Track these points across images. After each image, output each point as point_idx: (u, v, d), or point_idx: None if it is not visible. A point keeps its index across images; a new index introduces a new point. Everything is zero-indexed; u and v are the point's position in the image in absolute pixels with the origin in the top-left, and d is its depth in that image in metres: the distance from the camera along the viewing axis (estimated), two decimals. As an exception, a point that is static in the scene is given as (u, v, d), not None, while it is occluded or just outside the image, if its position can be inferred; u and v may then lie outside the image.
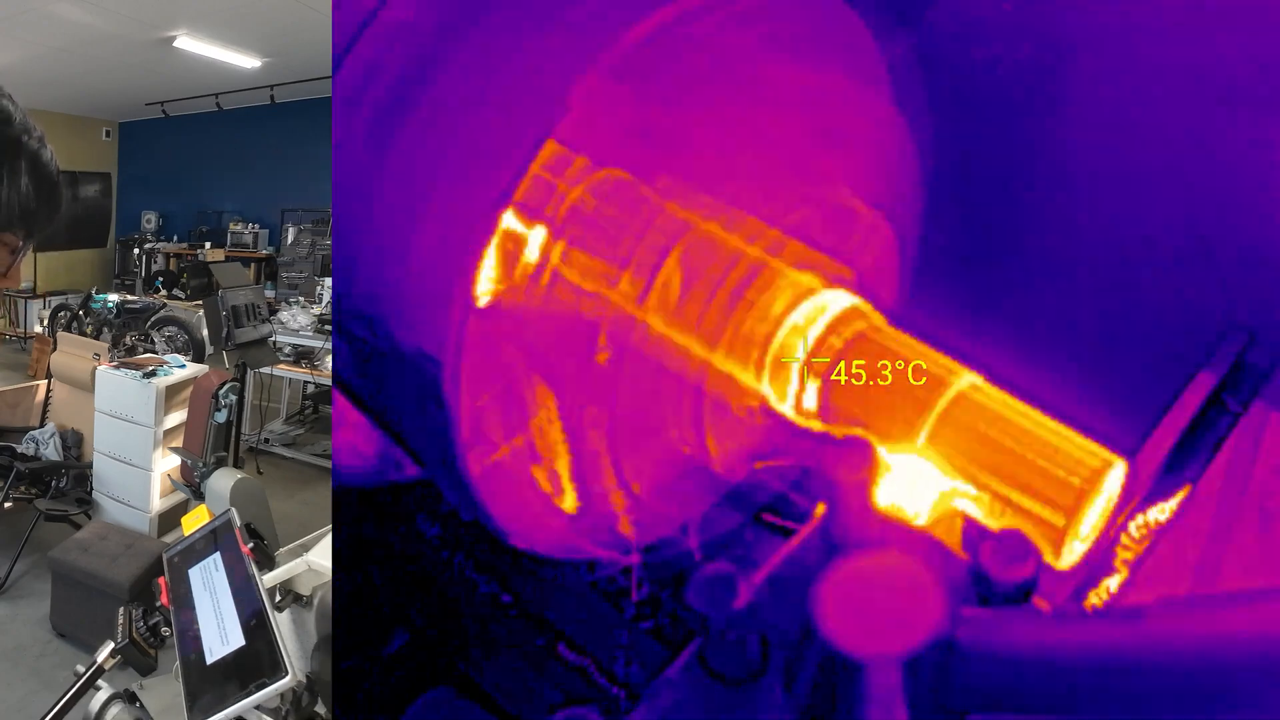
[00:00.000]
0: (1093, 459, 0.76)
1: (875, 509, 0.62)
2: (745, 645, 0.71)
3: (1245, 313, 0.96)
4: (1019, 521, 0.75)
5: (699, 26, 0.82)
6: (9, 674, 2.69)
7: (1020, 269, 1.12)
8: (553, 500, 0.92)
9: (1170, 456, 0.84)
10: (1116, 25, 1.06)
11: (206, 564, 1.17)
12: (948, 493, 0.76)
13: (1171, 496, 0.82)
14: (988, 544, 0.61)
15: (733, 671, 0.73)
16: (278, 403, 5.46)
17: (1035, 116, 1.09)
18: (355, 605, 1.06)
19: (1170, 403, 0.87)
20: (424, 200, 0.83)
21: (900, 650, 0.55)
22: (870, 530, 0.62)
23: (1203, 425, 0.87)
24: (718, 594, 0.72)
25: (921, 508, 0.78)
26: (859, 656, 0.55)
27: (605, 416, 0.89)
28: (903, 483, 0.79)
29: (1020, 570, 0.59)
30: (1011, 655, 0.55)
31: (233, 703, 0.91)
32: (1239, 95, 1.01)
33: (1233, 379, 0.90)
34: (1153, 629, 0.50)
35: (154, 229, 9.71)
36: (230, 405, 2.98)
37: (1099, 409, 0.84)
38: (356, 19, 0.87)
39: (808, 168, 0.91)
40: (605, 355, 0.86)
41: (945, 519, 0.76)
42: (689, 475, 0.96)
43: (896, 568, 0.58)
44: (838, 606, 0.58)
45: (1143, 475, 0.82)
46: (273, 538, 2.05)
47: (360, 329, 0.91)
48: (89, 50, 6.34)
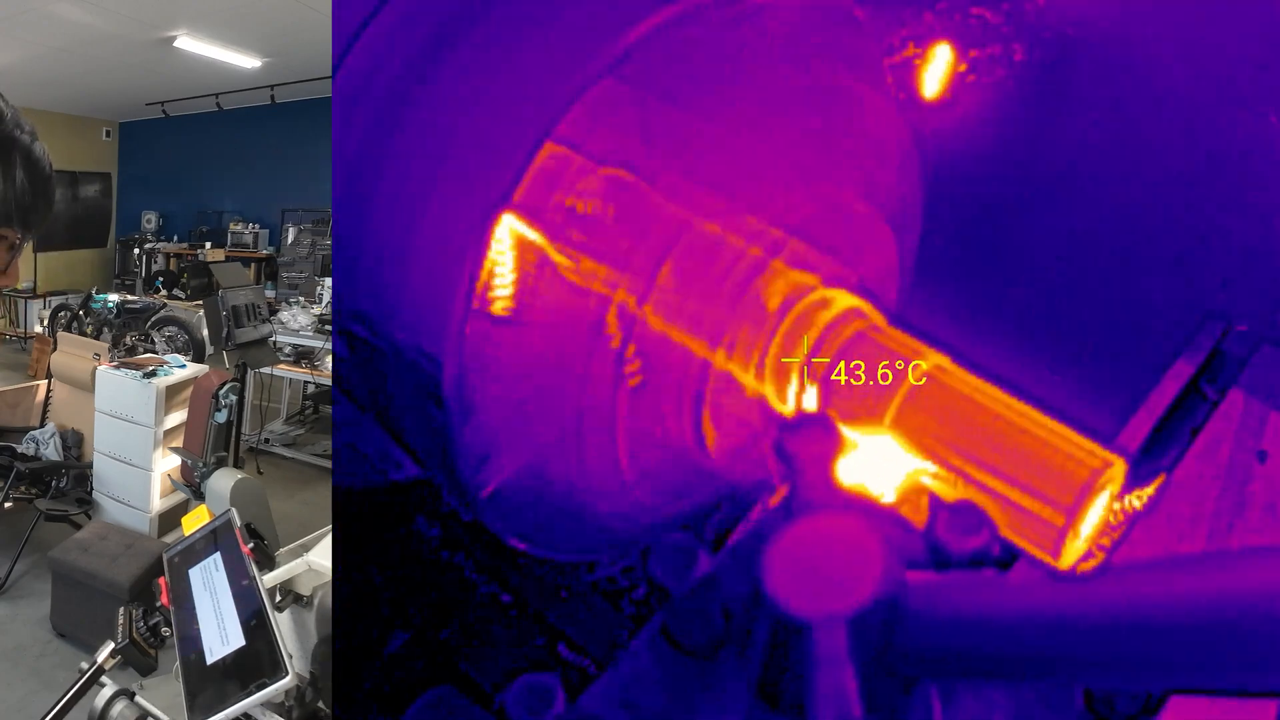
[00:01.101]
0: (1093, 458, 0.76)
1: (837, 484, 0.63)
2: (707, 616, 0.71)
3: (1240, 313, 0.96)
4: (1020, 521, 0.75)
5: (699, 26, 0.82)
6: (9, 674, 2.69)
7: (1020, 269, 1.12)
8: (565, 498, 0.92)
9: (1147, 443, 0.84)
10: (1116, 24, 1.06)
11: (207, 564, 1.17)
12: (915, 472, 0.77)
13: (1148, 484, 0.82)
14: (943, 514, 0.61)
15: (693, 642, 0.74)
16: (278, 403, 5.46)
17: (1035, 116, 1.09)
18: (355, 605, 1.06)
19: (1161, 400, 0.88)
20: (424, 200, 0.83)
21: (844, 610, 0.55)
22: (832, 503, 0.62)
23: (1180, 412, 0.88)
24: (678, 564, 0.72)
25: (889, 487, 0.79)
26: (804, 617, 0.56)
27: (605, 416, 0.89)
28: (869, 462, 0.79)
29: (973, 540, 0.59)
30: (957, 618, 0.55)
31: (233, 703, 0.91)
32: (1240, 94, 1.02)
33: (1210, 367, 0.91)
34: (1103, 592, 0.50)
35: (154, 229, 9.71)
36: (230, 405, 2.98)
37: (1099, 409, 0.84)
38: (356, 19, 0.87)
39: (808, 168, 0.91)
40: (605, 355, 0.86)
41: (912, 497, 0.76)
42: (689, 474, 0.96)
43: (842, 529, 0.59)
44: (784, 568, 0.59)
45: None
46: (273, 538, 2.06)
47: (360, 329, 0.91)
48: (89, 50, 6.34)
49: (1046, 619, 0.51)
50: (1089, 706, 0.65)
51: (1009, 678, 0.56)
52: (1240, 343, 0.93)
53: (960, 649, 0.55)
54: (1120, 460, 0.77)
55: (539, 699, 0.68)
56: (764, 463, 0.95)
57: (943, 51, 1.04)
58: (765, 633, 0.59)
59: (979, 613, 0.55)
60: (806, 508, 0.61)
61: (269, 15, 5.55)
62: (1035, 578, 0.54)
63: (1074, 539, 0.75)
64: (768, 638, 0.59)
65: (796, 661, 0.57)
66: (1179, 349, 0.98)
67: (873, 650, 0.56)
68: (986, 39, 1.06)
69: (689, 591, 0.72)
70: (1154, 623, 0.47)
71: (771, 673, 0.60)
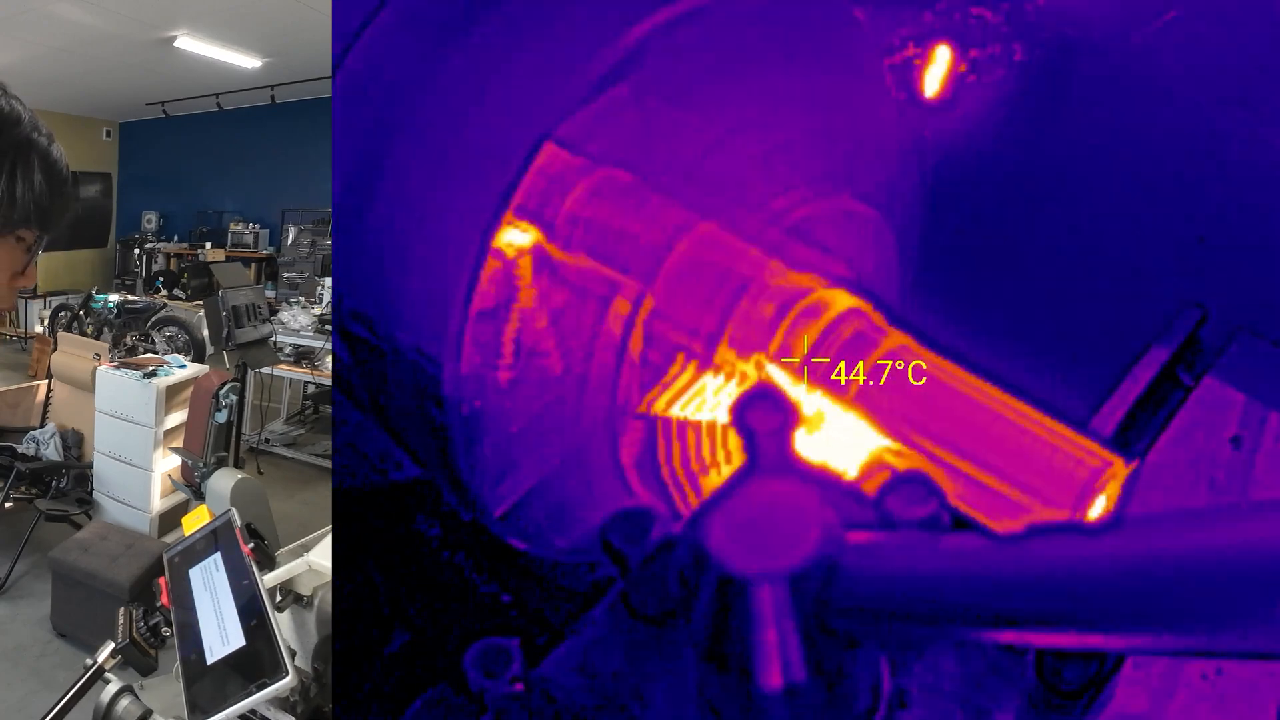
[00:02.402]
0: (1092, 459, 0.76)
1: (793, 457, 0.64)
2: (663, 583, 0.72)
3: (1240, 313, 0.97)
4: (1021, 522, 0.75)
5: (699, 27, 0.82)
6: (9, 674, 2.69)
7: (1020, 269, 1.12)
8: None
9: (1120, 429, 0.85)
10: (1116, 24, 1.06)
11: (207, 564, 1.17)
12: (877, 450, 0.78)
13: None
14: (891, 483, 0.62)
15: (649, 609, 0.75)
16: (278, 403, 5.46)
17: (1035, 116, 1.09)
18: (355, 605, 1.06)
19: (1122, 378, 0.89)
20: (424, 201, 0.83)
21: (783, 567, 0.57)
22: (785, 473, 0.63)
23: (1155, 398, 0.88)
24: (635, 532, 0.73)
25: (850, 463, 0.80)
26: (745, 575, 0.57)
27: (606, 415, 0.89)
28: (830, 437, 0.80)
29: (921, 510, 0.60)
30: (893, 575, 0.56)
31: (233, 703, 0.91)
32: (1240, 95, 1.02)
33: (1185, 354, 0.91)
34: (1037, 550, 0.51)
35: (154, 229, 9.71)
36: (231, 405, 2.98)
37: (1099, 409, 0.84)
38: (356, 19, 0.88)
39: (808, 168, 0.91)
40: (605, 355, 0.86)
41: (872, 471, 0.77)
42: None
43: (783, 490, 0.60)
44: (726, 527, 0.60)
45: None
46: (273, 538, 2.05)
47: (360, 329, 0.91)
48: (89, 50, 6.34)
49: (981, 574, 0.52)
50: (1039, 675, 0.67)
51: (946, 634, 0.57)
52: (1217, 330, 0.93)
53: (895, 605, 0.56)
54: (1120, 460, 0.77)
55: (497, 661, 0.69)
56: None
57: (943, 51, 1.04)
58: (710, 594, 0.60)
59: (914, 569, 0.56)
60: (764, 474, 0.62)
61: (269, 15, 5.54)
62: (972, 537, 0.55)
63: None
64: (712, 598, 0.60)
65: (740, 622, 0.58)
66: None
67: (811, 606, 0.57)
68: (986, 39, 1.06)
69: (645, 559, 0.73)
70: (1089, 576, 0.47)
71: (716, 634, 0.61)
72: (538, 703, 0.72)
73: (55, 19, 5.50)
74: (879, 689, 0.68)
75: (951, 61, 1.05)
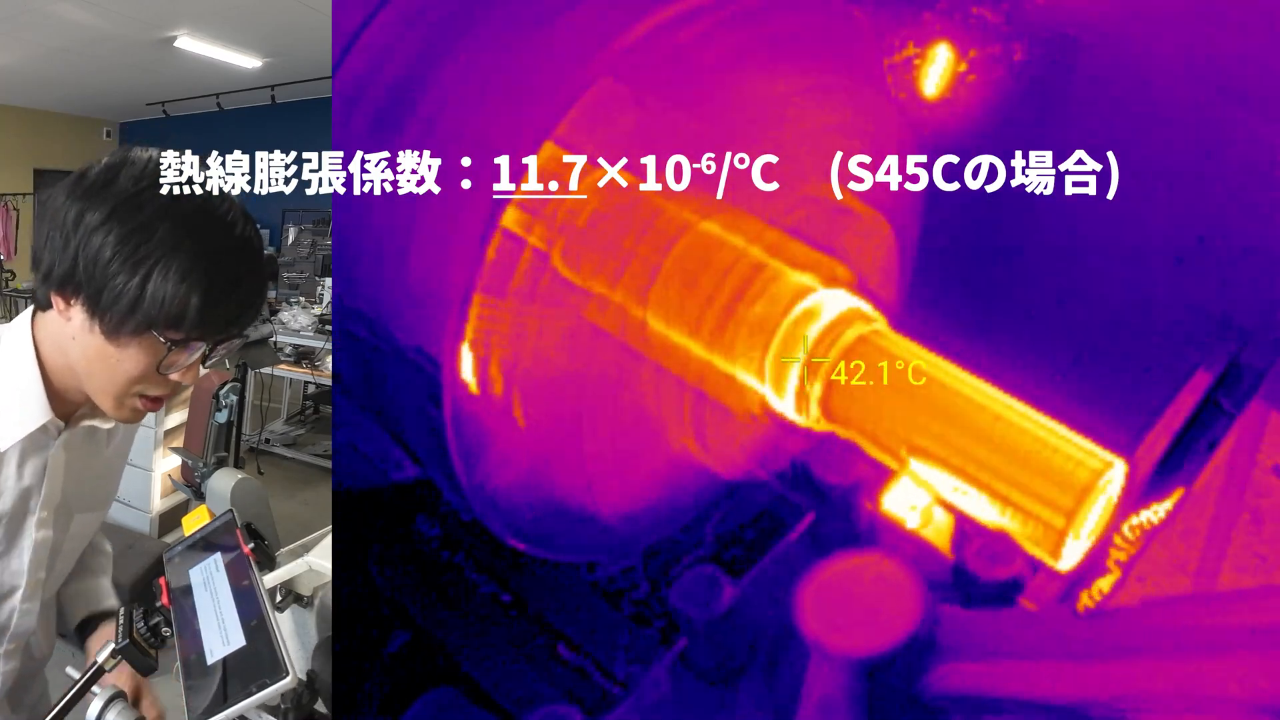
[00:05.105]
0: (1093, 460, 0.76)
1: (864, 511, 0.63)
2: (729, 644, 0.71)
3: (1240, 313, 0.96)
4: (1017, 520, 0.75)
5: (699, 26, 0.82)
6: (9, 674, 2.69)
7: (1020, 269, 1.12)
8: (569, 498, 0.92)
9: (1165, 457, 0.84)
10: (1116, 24, 1.06)
11: (207, 564, 1.17)
12: (940, 493, 0.76)
13: (1166, 497, 0.82)
14: (974, 543, 0.61)
15: (716, 670, 0.74)
16: (278, 403, 5.46)
17: (1035, 116, 1.09)
18: (355, 605, 1.06)
19: (1166, 404, 0.88)
20: (424, 201, 0.83)
21: (877, 648, 0.55)
22: (858, 532, 0.62)
23: (1198, 426, 0.88)
24: (701, 594, 0.73)
25: (913, 510, 0.78)
26: (836, 654, 0.56)
27: (605, 417, 0.89)
28: (896, 485, 0.79)
29: (1005, 570, 0.59)
30: (989, 655, 0.55)
31: (233, 703, 0.90)
32: (1240, 94, 1.02)
33: (1228, 379, 0.91)
34: (1135, 629, 0.50)
35: (154, 229, 9.71)
36: (231, 405, 2.97)
37: (1099, 410, 0.84)
38: (356, 19, 0.88)
39: (808, 168, 0.91)
40: (605, 356, 0.86)
41: (936, 520, 0.76)
42: (689, 476, 0.96)
43: (876, 566, 0.59)
44: (816, 604, 0.59)
45: (1138, 476, 0.82)
46: (273, 538, 2.05)
47: (360, 329, 0.91)
48: (89, 50, 6.34)
49: (1085, 655, 0.51)
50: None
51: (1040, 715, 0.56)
52: (1259, 355, 0.93)
53: (991, 686, 0.55)
54: (1121, 461, 0.77)
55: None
56: (763, 465, 0.95)
57: (943, 51, 1.04)
58: (792, 666, 0.59)
59: (1011, 650, 0.54)
60: (833, 537, 0.62)
61: (269, 15, 5.55)
62: (1080, 613, 0.54)
63: (1074, 540, 0.75)
64: (794, 670, 0.59)
65: (823, 695, 0.57)
66: (1180, 349, 0.98)
67: (902, 687, 0.56)
68: (986, 39, 1.06)
69: (712, 620, 0.72)
70: (1195, 658, 0.46)
71: (797, 705, 0.60)
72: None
73: (55, 19, 5.51)
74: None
75: (951, 61, 1.05)
